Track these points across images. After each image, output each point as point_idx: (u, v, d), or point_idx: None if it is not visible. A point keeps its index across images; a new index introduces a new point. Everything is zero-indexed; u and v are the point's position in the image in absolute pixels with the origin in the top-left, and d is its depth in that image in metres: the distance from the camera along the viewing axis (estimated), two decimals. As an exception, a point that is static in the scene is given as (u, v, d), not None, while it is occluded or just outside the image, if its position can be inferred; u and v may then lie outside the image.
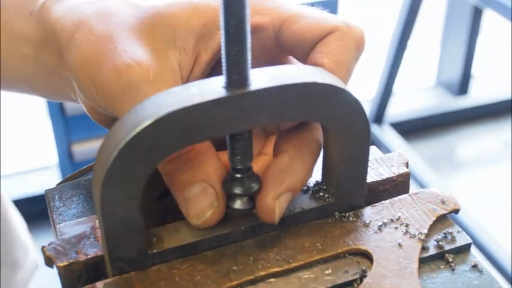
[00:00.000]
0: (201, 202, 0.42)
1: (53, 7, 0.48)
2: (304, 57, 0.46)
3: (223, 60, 0.38)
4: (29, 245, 0.88)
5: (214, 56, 0.47)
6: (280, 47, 0.47)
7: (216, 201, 0.42)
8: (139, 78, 0.41)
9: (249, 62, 0.38)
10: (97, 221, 0.44)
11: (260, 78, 0.39)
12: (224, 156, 0.44)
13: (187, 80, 0.46)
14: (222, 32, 0.37)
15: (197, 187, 0.42)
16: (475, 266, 0.44)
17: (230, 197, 0.44)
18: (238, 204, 0.44)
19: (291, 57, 0.49)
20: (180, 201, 0.43)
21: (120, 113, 0.43)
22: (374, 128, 2.51)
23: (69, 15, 0.46)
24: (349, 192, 0.46)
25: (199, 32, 0.46)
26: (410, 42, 2.43)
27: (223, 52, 0.37)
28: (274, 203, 0.42)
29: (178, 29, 0.45)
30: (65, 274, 0.42)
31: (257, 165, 0.46)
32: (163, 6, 0.45)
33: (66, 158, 2.07)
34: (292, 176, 0.43)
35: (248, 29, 0.37)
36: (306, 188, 0.47)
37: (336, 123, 0.42)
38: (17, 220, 0.87)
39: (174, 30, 0.45)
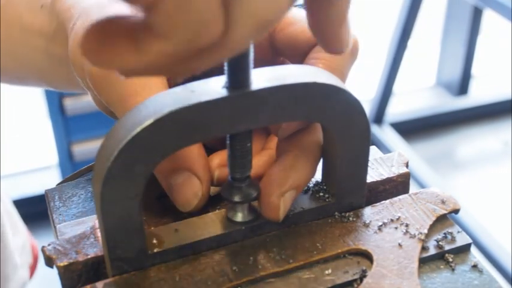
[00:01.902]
0: (185, 191, 0.44)
1: None
2: (298, 59, 0.47)
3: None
4: (18, 264, 0.90)
5: None
6: (273, 48, 0.48)
7: (199, 190, 0.44)
8: None
9: (251, 62, 0.38)
10: (97, 221, 0.44)
11: (260, 78, 0.39)
12: (224, 155, 0.45)
13: None
14: None
15: (181, 175, 0.44)
16: (475, 266, 0.44)
17: (230, 209, 0.44)
18: (239, 217, 0.44)
19: (284, 60, 0.50)
20: (166, 188, 0.45)
21: (106, 100, 0.44)
22: (374, 128, 2.51)
23: (77, 6, 0.48)
24: (349, 192, 0.46)
25: None
26: (410, 42, 2.43)
27: None
28: (279, 201, 0.43)
29: None
30: (65, 274, 0.42)
31: (263, 160, 0.47)
32: None
33: (66, 158, 2.07)
34: (296, 173, 0.43)
35: None
36: (306, 188, 0.47)
37: (336, 123, 0.42)
38: (11, 236, 0.89)
39: None
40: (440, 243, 0.45)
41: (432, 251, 0.44)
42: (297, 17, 0.47)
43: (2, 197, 0.88)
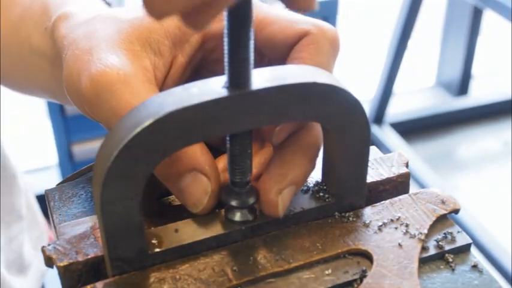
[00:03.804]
0: (195, 190, 0.43)
1: (61, 25, 0.51)
2: (279, 60, 0.47)
3: (225, 60, 0.38)
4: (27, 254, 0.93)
5: (191, 60, 0.49)
6: (255, 50, 0.48)
7: (209, 186, 0.43)
8: (111, 80, 0.43)
9: (251, 62, 0.38)
10: (97, 221, 0.44)
11: (260, 78, 0.39)
12: (224, 160, 0.45)
13: (163, 81, 0.48)
14: (225, 32, 0.37)
15: (188, 176, 0.43)
16: (475, 266, 0.44)
17: (228, 209, 0.44)
18: (238, 217, 0.44)
19: (269, 62, 0.50)
20: (175, 193, 0.44)
21: (100, 119, 0.44)
22: (374, 128, 2.51)
23: (71, 34, 0.49)
24: (349, 192, 0.46)
25: (174, 35, 0.47)
26: (410, 42, 2.43)
27: (225, 52, 0.37)
28: (278, 198, 0.43)
29: (153, 32, 0.47)
30: (65, 274, 0.42)
31: (264, 157, 0.47)
32: (143, 13, 0.47)
33: (66, 158, 2.07)
34: (294, 169, 0.43)
35: (252, 30, 0.37)
36: (306, 188, 0.47)
37: (336, 123, 0.42)
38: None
39: (149, 32, 0.47)
40: (440, 243, 0.45)
41: (432, 251, 0.44)
42: (275, 16, 0.47)
43: (25, 190, 0.92)
